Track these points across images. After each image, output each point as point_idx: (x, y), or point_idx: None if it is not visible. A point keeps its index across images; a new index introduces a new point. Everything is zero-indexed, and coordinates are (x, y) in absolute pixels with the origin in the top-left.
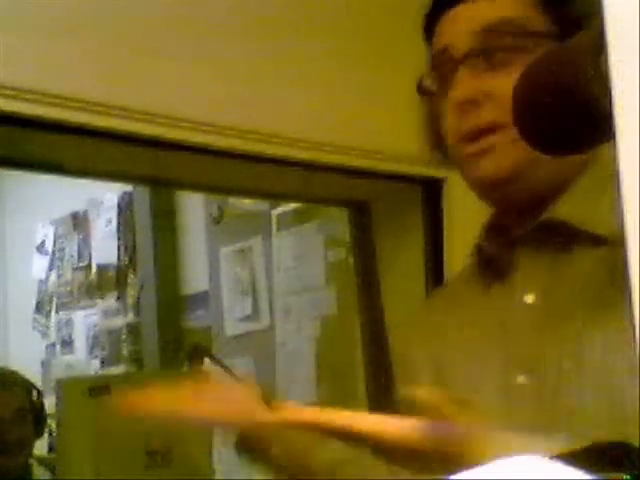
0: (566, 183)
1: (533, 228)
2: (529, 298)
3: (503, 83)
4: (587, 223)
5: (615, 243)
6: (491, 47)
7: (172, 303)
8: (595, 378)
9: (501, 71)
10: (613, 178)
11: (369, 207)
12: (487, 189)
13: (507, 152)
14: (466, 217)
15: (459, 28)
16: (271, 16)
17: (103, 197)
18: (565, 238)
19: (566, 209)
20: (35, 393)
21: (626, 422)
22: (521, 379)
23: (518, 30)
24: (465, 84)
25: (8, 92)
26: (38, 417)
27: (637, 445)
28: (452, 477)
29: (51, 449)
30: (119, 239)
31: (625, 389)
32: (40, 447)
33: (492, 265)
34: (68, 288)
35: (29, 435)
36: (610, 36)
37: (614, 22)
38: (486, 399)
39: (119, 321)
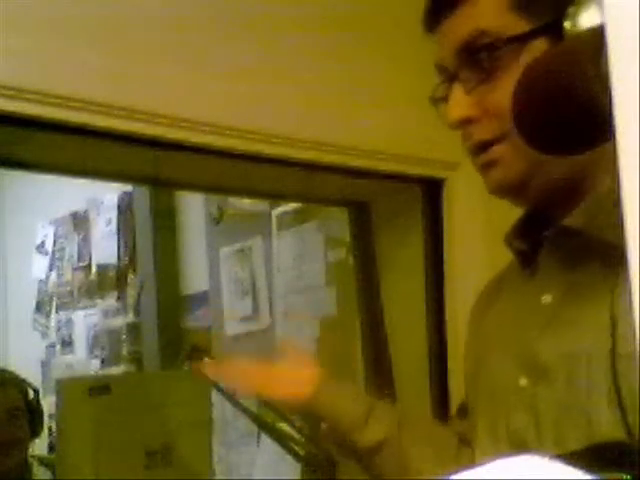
0: (583, 188)
1: (554, 232)
2: (547, 298)
3: (497, 94)
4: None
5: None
6: (475, 60)
7: (172, 303)
8: (599, 386)
9: (493, 82)
10: None
11: (369, 207)
12: (503, 196)
13: (512, 161)
14: (466, 217)
15: (446, 44)
16: (271, 16)
17: (103, 197)
18: (583, 244)
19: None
20: (31, 393)
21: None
22: (523, 381)
23: (496, 39)
24: (459, 102)
25: (8, 92)
26: (34, 417)
27: (637, 445)
28: (452, 477)
29: (51, 449)
30: (119, 239)
31: (633, 398)
32: (40, 447)
33: (520, 259)
34: (68, 288)
35: (23, 435)
36: (610, 36)
37: (614, 22)
38: (498, 399)
39: (119, 321)
